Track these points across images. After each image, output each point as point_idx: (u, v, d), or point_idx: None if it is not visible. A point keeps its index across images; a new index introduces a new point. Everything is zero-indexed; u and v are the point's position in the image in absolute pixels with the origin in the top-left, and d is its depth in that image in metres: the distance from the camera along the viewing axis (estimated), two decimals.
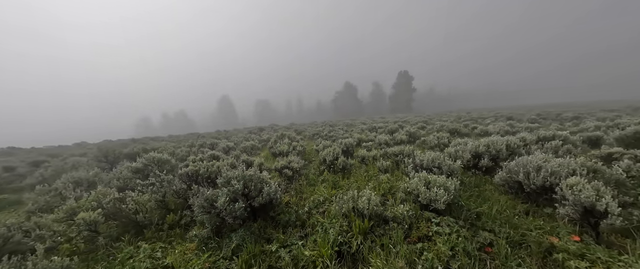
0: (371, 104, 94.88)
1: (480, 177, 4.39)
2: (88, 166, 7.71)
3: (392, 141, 9.14)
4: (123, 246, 3.21)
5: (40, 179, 6.99)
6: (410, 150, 5.64)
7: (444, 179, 3.10)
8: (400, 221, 2.94)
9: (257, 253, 2.79)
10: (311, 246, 2.86)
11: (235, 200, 3.34)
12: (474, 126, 12.40)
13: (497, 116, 19.61)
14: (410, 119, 25.20)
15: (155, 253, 2.98)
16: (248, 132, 22.44)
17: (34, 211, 4.54)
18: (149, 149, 9.31)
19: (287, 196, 4.54)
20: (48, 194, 5.11)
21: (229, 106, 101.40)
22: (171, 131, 74.88)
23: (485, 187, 3.99)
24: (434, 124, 14.69)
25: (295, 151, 7.83)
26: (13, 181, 7.92)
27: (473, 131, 11.24)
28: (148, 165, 6.19)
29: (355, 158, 6.63)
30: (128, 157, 8.10)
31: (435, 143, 8.04)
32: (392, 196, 3.90)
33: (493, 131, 9.72)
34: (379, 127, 15.53)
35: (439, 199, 2.83)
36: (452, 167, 3.88)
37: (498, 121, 15.85)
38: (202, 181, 4.63)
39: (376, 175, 5.11)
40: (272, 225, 3.46)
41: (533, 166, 3.36)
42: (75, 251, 3.22)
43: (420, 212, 3.07)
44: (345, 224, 3.04)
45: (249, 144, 10.84)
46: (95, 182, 5.62)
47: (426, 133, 11.34)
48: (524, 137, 5.87)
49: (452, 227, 2.66)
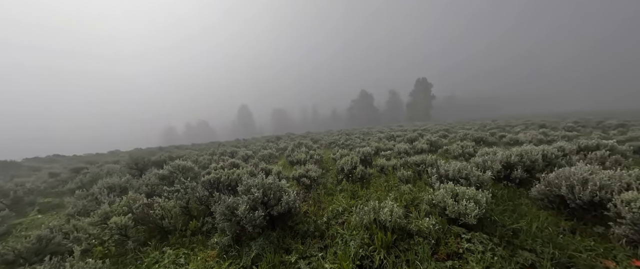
0: (388, 112, 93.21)
1: (513, 190, 4.04)
2: (120, 172, 8.28)
3: (412, 150, 8.81)
4: (149, 250, 3.33)
5: (79, 184, 7.61)
6: (433, 159, 5.38)
7: (474, 191, 2.89)
8: (426, 236, 2.76)
9: (277, 263, 2.74)
10: (331, 259, 2.76)
11: (255, 208, 3.36)
12: (501, 134, 11.62)
13: (527, 124, 18.27)
14: (430, 127, 24.29)
15: (178, 259, 3.05)
16: (266, 140, 22.94)
17: (73, 214, 4.91)
18: (174, 156, 9.82)
19: (305, 205, 4.49)
20: (85, 199, 5.52)
21: (247, 115, 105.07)
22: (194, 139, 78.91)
23: (520, 201, 3.64)
24: (457, 133, 14.00)
25: (313, 159, 7.81)
26: (56, 185, 8.70)
27: (501, 139, 10.53)
28: (173, 172, 6.50)
29: (374, 167, 6.45)
30: (155, 164, 8.58)
31: (460, 152, 7.62)
32: (415, 208, 3.71)
33: (524, 139, 9.02)
34: (397, 135, 15.12)
35: (469, 213, 2.63)
36: (482, 178, 3.61)
37: (529, 129, 14.74)
38: (223, 188, 4.75)
39: (397, 185, 4.91)
40: (291, 235, 3.41)
41: (578, 178, 3.02)
42: (107, 254, 3.39)
43: (448, 226, 2.86)
44: (367, 237, 2.91)
45: (267, 153, 11.03)
46: (127, 188, 5.99)
47: (449, 142, 10.81)
48: (563, 147, 5.36)
49: (486, 244, 2.44)
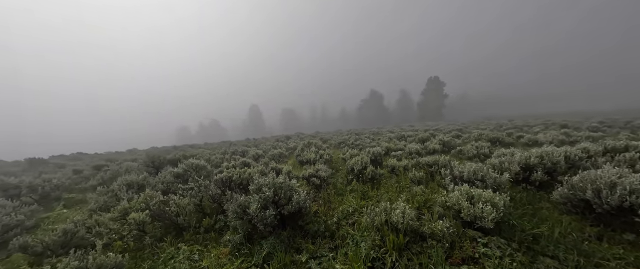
0: (398, 112, 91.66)
1: (532, 193, 3.86)
2: (138, 170, 8.63)
3: (423, 151, 8.62)
4: (165, 246, 3.45)
5: (100, 181, 7.99)
6: (447, 160, 5.23)
7: (490, 194, 2.78)
8: (439, 239, 2.69)
9: (288, 262, 2.76)
10: (342, 260, 2.75)
11: (266, 207, 3.40)
12: (519, 134, 11.14)
13: (547, 124, 17.43)
14: (442, 127, 23.68)
15: (193, 255, 3.14)
16: (275, 140, 23.17)
17: (95, 209, 5.16)
18: (188, 155, 10.12)
19: (315, 205, 4.50)
20: (106, 195, 5.80)
21: (257, 115, 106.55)
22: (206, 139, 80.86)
23: (541, 204, 3.48)
24: (471, 133, 13.56)
25: (322, 159, 7.81)
26: (80, 182, 9.18)
27: (518, 140, 10.10)
28: (187, 170, 6.69)
29: (385, 168, 6.36)
30: (170, 162, 8.88)
31: (474, 153, 7.37)
32: (427, 210, 3.62)
33: (544, 140, 8.60)
34: (408, 135, 14.84)
35: (486, 216, 2.53)
36: (499, 180, 3.48)
37: (549, 129, 14.06)
38: (235, 187, 4.84)
39: (408, 186, 4.82)
40: (301, 234, 3.43)
41: (605, 182, 2.84)
42: (126, 248, 3.55)
43: (463, 230, 2.77)
44: (378, 239, 2.87)
45: (277, 152, 11.14)
46: (144, 185, 6.23)
47: (462, 142, 10.50)
48: (587, 148, 5.06)
49: (504, 249, 2.34)
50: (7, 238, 4.21)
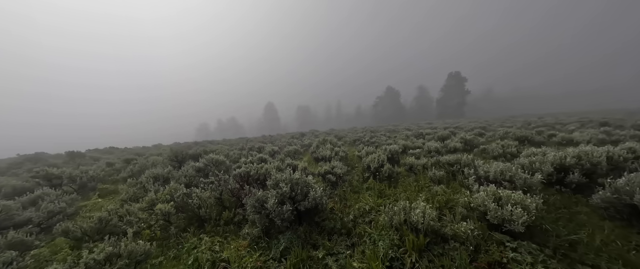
0: (415, 109, 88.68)
1: (568, 196, 3.55)
2: (163, 164, 9.14)
3: (443, 149, 8.28)
4: (189, 236, 3.62)
5: (130, 173, 8.58)
6: (470, 159, 4.97)
7: (521, 196, 2.59)
8: (463, 241, 2.56)
9: (305, 258, 2.78)
10: (359, 258, 2.72)
11: (283, 202, 3.44)
12: (550, 132, 10.32)
13: (583, 121, 15.97)
14: (464, 124, 22.59)
15: (214, 246, 3.27)
16: (290, 137, 23.44)
17: (126, 199, 5.55)
18: (208, 150, 10.54)
19: (331, 202, 4.49)
20: (135, 187, 6.20)
21: (273, 112, 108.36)
22: (224, 135, 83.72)
23: (578, 209, 3.19)
24: (496, 131, 12.81)
25: (338, 156, 7.77)
26: (112, 174, 9.92)
27: (550, 139, 9.36)
28: (208, 165, 6.97)
29: (402, 166, 6.19)
30: (192, 157, 9.30)
31: (500, 152, 6.95)
32: (449, 210, 3.47)
33: (581, 139, 7.89)
34: (426, 133, 14.33)
35: (515, 219, 2.37)
36: (529, 181, 3.24)
37: (586, 127, 12.89)
38: (252, 182, 4.96)
39: (428, 186, 4.66)
40: (317, 231, 3.44)
41: None
42: (153, 237, 3.77)
43: (489, 232, 2.62)
44: (397, 238, 2.80)
45: (292, 149, 11.26)
46: (169, 178, 6.59)
47: (486, 141, 9.95)
48: (633, 148, 4.56)
49: (536, 255, 2.18)
50: (51, 223, 4.66)
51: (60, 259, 3.29)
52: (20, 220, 4.45)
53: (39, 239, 4.13)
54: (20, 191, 6.65)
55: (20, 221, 4.43)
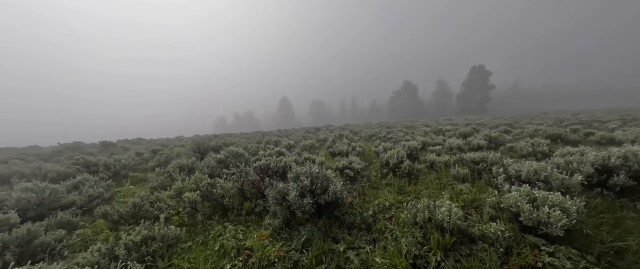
0: (434, 104, 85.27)
1: (611, 200, 3.27)
2: (187, 155, 9.61)
3: (466, 146, 7.93)
4: (214, 224, 3.80)
5: (157, 163, 9.13)
6: (498, 157, 4.72)
7: (560, 197, 2.42)
8: (492, 242, 2.46)
9: (326, 250, 2.82)
10: (381, 253, 2.71)
11: (304, 195, 3.49)
12: (587, 131, 9.50)
13: (625, 119, 14.53)
14: (487, 121, 21.43)
15: (237, 235, 3.41)
16: (305, 131, 23.60)
17: (155, 187, 5.92)
18: (227, 143, 10.92)
19: (349, 197, 4.49)
20: (163, 175, 6.59)
21: (288, 106, 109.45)
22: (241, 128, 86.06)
23: (623, 214, 2.93)
24: (524, 128, 12.04)
25: (355, 151, 7.72)
26: (141, 163, 10.62)
27: (587, 137, 8.64)
28: (228, 157, 7.22)
29: (422, 163, 6.03)
30: (213, 149, 9.69)
31: (529, 151, 6.53)
32: (474, 210, 3.34)
33: (624, 138, 7.20)
34: (446, 129, 13.79)
35: (553, 222, 2.22)
36: (567, 182, 3.01)
37: (628, 125, 11.72)
38: (272, 174, 5.07)
39: (451, 184, 4.50)
40: (337, 224, 3.46)
41: None
42: (181, 223, 4.01)
43: (521, 235, 2.49)
44: (420, 236, 2.75)
45: (308, 143, 11.34)
46: (193, 168, 6.92)
47: (513, 138, 9.39)
48: None
49: (576, 261, 2.04)
50: (92, 206, 5.10)
51: (103, 239, 3.60)
52: (65, 202, 4.91)
53: (82, 220, 4.55)
54: (64, 176, 7.33)
55: (65, 203, 4.90)
